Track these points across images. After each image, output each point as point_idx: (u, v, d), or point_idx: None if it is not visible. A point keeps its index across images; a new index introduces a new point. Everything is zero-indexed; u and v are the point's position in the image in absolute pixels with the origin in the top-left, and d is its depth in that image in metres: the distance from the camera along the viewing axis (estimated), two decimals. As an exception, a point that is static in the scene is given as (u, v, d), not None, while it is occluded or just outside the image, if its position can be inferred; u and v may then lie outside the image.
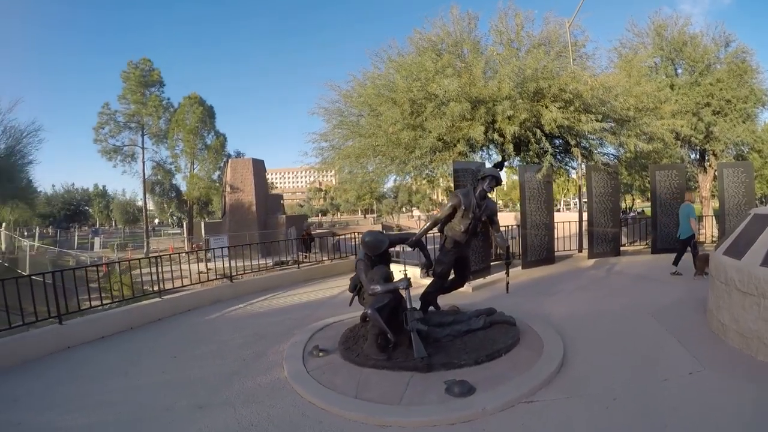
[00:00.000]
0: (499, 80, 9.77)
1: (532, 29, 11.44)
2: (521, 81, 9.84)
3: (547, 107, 9.77)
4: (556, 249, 11.46)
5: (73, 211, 63.52)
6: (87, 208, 68.89)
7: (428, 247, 6.20)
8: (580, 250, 12.41)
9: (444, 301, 6.60)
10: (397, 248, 8.47)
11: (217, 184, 38.00)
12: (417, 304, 5.98)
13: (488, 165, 11.49)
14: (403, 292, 4.91)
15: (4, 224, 32.46)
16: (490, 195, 5.94)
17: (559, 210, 46.36)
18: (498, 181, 5.91)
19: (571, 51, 11.57)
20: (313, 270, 11.67)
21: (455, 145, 10.55)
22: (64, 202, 62.01)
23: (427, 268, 6.00)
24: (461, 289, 7.01)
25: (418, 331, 4.73)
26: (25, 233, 36.66)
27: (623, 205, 36.97)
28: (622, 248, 12.33)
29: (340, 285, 9.67)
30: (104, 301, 7.82)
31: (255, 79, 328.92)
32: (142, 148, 37.07)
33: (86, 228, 62.41)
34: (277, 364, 5.30)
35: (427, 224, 6.12)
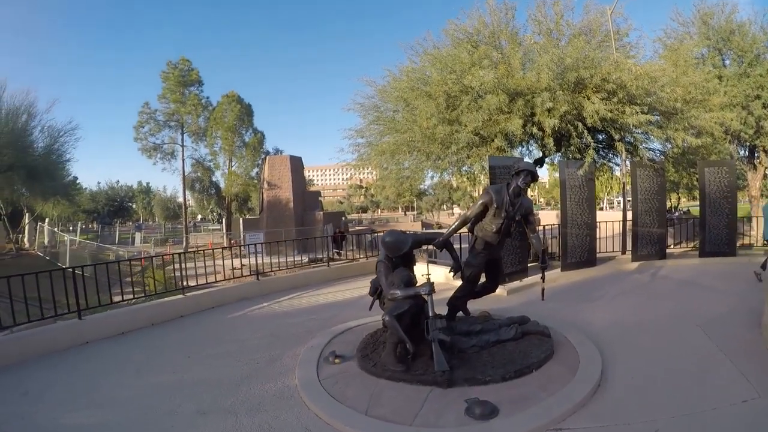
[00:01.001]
0: (537, 71, 9.20)
1: (571, 18, 10.80)
2: (561, 71, 9.24)
3: (588, 98, 9.12)
4: (597, 250, 10.76)
5: (116, 207, 65.99)
6: (130, 204, 71.41)
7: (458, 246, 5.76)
8: (623, 251, 11.63)
9: (475, 306, 6.14)
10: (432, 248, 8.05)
11: (255, 181, 38.46)
12: (444, 310, 5.58)
13: (528, 161, 10.94)
14: (426, 298, 4.48)
15: (47, 219, 33.85)
16: (531, 193, 5.41)
17: (602, 209, 44.77)
18: (534, 177, 5.37)
19: (613, 40, 10.83)
20: (345, 268, 11.37)
21: (493, 140, 10.05)
22: (108, 199, 64.50)
23: (455, 271, 5.48)
24: (495, 293, 6.47)
25: (441, 341, 4.28)
26: (70, 228, 38.13)
27: (668, 204, 35.24)
28: (667, 250, 11.49)
29: (372, 285, 9.37)
30: (128, 297, 7.82)
31: (302, 75, 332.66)
32: (182, 145, 37.85)
33: (130, 223, 64.65)
34: (291, 369, 5.00)
35: (456, 223, 5.62)
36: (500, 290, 7.80)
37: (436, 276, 8.40)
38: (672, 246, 12.84)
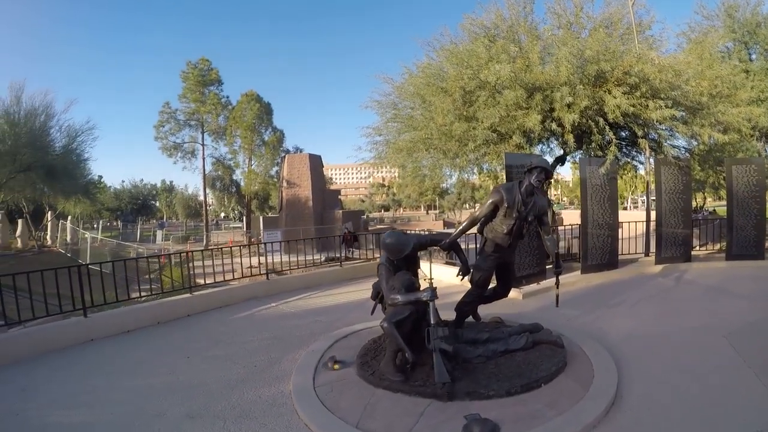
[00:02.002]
0: (556, 64, 8.82)
1: (591, 10, 10.34)
2: (581, 64, 8.85)
3: (610, 92, 8.70)
4: (619, 252, 10.32)
5: (140, 205, 67.13)
6: (153, 202, 72.58)
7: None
8: (646, 253, 11.13)
9: (487, 310, 5.84)
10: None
11: (275, 180, 38.60)
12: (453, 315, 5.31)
13: (548, 159, 10.55)
14: (429, 303, 4.19)
15: (69, 217, 34.57)
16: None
17: (626, 208, 43.63)
18: (548, 174, 5.00)
19: (635, 33, 10.37)
20: (358, 268, 11.16)
21: (511, 137, 9.67)
22: (131, 197, 65.68)
23: (463, 274, 5.13)
24: (509, 297, 6.09)
25: (443, 351, 4.00)
26: (94, 226, 38.89)
27: (693, 204, 34.02)
28: (692, 252, 10.95)
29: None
30: (135, 295, 7.76)
31: (322, 72, 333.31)
32: (202, 144, 38.30)
33: (153, 221, 65.66)
34: (288, 374, 4.80)
35: (464, 224, 5.26)
36: (515, 293, 7.49)
37: (451, 278, 8.13)
38: (697, 248, 12.29)
